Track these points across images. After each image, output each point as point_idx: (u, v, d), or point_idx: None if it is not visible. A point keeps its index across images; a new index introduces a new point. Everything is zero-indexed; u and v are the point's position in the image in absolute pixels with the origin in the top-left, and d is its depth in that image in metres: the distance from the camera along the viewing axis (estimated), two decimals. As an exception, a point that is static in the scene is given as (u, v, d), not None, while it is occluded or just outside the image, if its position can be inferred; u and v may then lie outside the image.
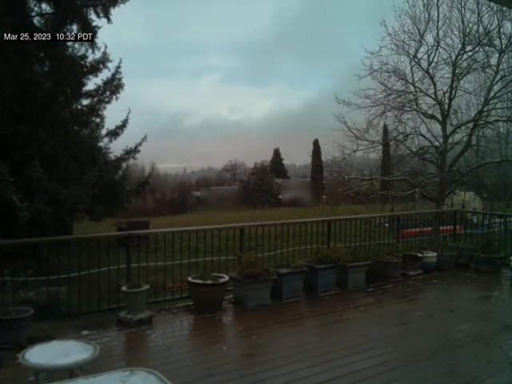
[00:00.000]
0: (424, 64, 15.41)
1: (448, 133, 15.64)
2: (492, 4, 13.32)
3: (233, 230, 6.58)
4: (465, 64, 15.23)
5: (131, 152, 16.22)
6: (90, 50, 14.27)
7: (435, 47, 15.20)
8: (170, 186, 43.23)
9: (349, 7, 39.34)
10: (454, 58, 15.13)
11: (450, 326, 5.29)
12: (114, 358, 3.97)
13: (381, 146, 16.98)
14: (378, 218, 9.40)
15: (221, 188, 43.99)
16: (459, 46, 14.99)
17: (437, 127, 16.00)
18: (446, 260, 7.92)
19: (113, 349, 4.35)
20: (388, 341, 4.85)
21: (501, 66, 14.94)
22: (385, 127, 16.97)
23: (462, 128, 15.73)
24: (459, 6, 14.76)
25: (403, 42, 15.31)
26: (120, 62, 15.17)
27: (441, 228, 10.07)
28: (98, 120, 15.60)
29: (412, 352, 4.49)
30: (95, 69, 14.59)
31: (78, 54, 14.25)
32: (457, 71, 15.22)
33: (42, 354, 3.19)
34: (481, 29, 14.53)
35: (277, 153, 50.46)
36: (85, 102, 15.27)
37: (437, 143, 15.96)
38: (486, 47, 14.82)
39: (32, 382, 3.13)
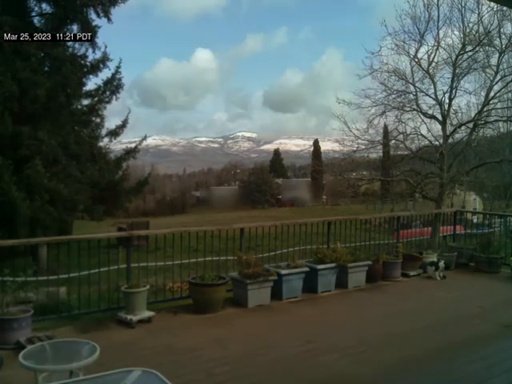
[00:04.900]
0: (424, 64, 15.41)
1: (448, 133, 15.64)
2: (492, 4, 13.30)
3: (233, 231, 6.57)
4: (465, 64, 15.24)
5: (131, 152, 16.25)
6: (90, 50, 14.34)
7: (435, 47, 15.21)
8: (170, 186, 43.31)
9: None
10: (454, 57, 15.13)
11: (450, 327, 5.29)
12: (114, 358, 3.96)
13: (381, 146, 16.99)
14: (378, 218, 9.40)
15: (221, 188, 44.01)
16: (459, 45, 14.99)
17: (437, 127, 16.03)
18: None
19: (113, 349, 4.34)
20: (388, 341, 4.84)
21: (501, 66, 14.96)
22: (385, 127, 16.99)
23: (462, 128, 15.73)
24: (459, 5, 14.80)
25: (403, 42, 15.34)
26: (120, 62, 15.22)
27: (441, 228, 10.06)
28: (98, 120, 15.63)
29: (412, 353, 4.49)
30: (95, 68, 14.62)
31: (79, 54, 14.28)
32: (457, 71, 15.22)
33: (41, 355, 3.19)
34: (481, 29, 14.54)
35: (277, 153, 50.49)
36: (85, 101, 15.31)
37: (437, 143, 15.95)
38: (486, 47, 14.81)
39: (32, 382, 3.13)
